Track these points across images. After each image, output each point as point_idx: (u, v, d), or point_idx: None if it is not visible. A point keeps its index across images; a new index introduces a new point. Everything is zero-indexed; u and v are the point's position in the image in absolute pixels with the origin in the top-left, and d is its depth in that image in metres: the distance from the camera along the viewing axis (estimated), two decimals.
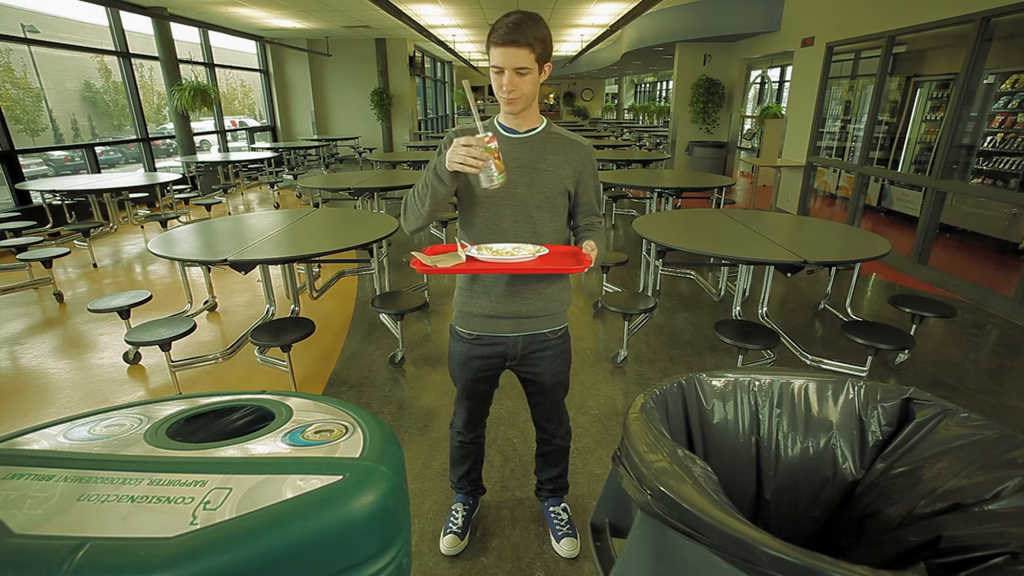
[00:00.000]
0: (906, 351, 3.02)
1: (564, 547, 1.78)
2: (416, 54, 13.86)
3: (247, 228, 3.18)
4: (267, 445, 0.78)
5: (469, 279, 1.50)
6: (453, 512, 1.88)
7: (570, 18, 9.81)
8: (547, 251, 1.37)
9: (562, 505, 1.88)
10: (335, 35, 11.62)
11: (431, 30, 10.29)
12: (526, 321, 1.49)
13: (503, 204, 1.41)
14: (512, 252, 1.35)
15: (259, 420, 0.89)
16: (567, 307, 1.57)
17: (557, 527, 1.83)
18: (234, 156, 8.51)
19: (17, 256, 4.05)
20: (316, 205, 4.64)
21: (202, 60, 9.96)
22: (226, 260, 2.51)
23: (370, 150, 12.16)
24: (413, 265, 1.32)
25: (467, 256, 1.34)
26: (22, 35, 7.15)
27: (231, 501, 0.65)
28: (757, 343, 2.47)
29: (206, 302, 3.87)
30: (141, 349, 3.14)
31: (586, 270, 1.32)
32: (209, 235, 3.09)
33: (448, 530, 1.83)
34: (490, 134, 1.23)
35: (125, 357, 3.13)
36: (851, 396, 1.07)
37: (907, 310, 2.89)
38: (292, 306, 3.43)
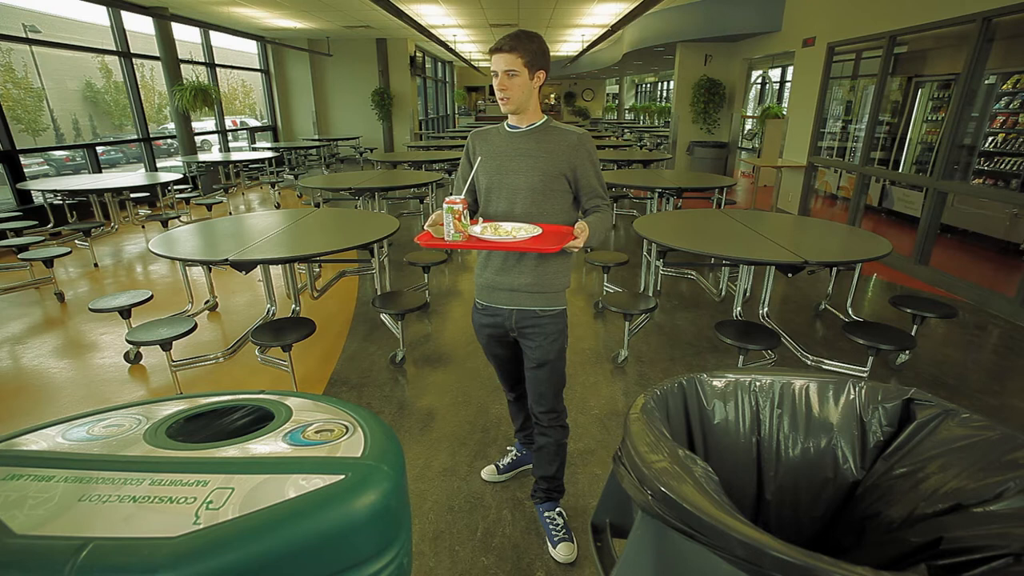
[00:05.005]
0: (907, 352, 3.01)
1: (561, 552, 1.77)
2: (417, 54, 13.85)
3: (248, 228, 3.18)
4: (268, 445, 0.78)
5: (484, 253, 1.68)
6: (508, 449, 2.21)
7: (571, 18, 9.81)
8: (541, 231, 1.53)
9: (557, 510, 1.87)
10: (336, 35, 11.62)
11: (432, 30, 10.29)
12: (518, 295, 1.63)
13: (508, 190, 1.60)
14: (511, 232, 1.51)
15: (258, 420, 0.89)
16: (562, 290, 1.67)
17: (553, 532, 1.81)
18: (235, 156, 8.50)
19: (18, 256, 4.05)
20: (317, 205, 4.64)
21: (203, 60, 9.97)
22: (227, 260, 2.51)
23: (371, 150, 12.17)
24: (417, 240, 1.53)
25: (469, 235, 1.50)
26: (23, 35, 7.16)
27: (234, 501, 0.65)
28: (758, 343, 2.47)
29: (207, 302, 3.87)
30: (142, 349, 3.14)
31: (565, 248, 1.46)
32: (210, 235, 3.10)
33: (496, 463, 2.14)
34: (460, 197, 1.48)
35: (126, 357, 3.13)
36: (852, 397, 1.07)
37: (908, 310, 2.88)
38: (293, 306, 3.43)
